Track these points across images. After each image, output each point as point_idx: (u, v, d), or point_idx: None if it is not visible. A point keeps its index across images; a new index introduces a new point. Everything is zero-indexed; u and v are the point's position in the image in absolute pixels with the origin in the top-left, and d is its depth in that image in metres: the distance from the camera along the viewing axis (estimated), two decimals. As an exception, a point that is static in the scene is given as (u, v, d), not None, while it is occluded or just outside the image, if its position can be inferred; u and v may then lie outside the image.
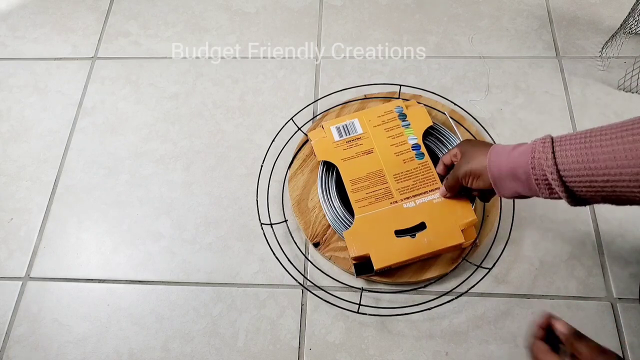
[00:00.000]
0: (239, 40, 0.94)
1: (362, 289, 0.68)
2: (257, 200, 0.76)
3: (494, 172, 0.53)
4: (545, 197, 0.49)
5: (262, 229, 0.73)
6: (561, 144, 0.46)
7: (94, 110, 0.88)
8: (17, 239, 0.77)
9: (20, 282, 0.73)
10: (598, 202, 0.46)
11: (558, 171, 0.45)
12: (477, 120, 0.81)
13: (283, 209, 0.75)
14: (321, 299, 0.69)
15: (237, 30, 0.95)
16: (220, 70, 0.91)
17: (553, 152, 0.46)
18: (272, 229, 0.73)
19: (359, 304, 0.67)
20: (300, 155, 0.79)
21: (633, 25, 0.85)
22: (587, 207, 0.74)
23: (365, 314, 0.67)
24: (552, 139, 0.47)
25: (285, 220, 0.74)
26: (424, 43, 0.91)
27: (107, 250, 0.75)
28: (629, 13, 0.81)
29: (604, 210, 0.74)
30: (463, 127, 0.78)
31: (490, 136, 0.80)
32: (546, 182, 0.47)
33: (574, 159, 0.44)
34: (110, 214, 0.78)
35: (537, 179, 0.48)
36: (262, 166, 0.79)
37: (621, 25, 0.82)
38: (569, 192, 0.46)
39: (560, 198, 0.48)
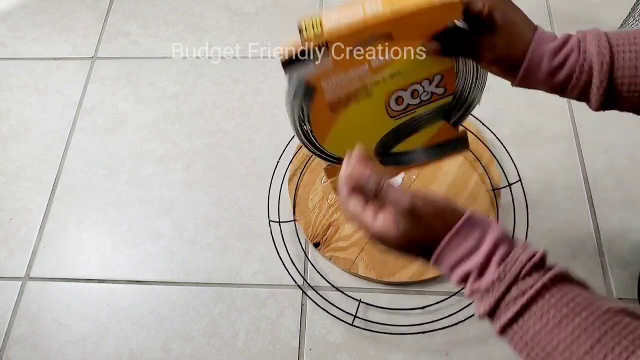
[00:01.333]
0: (239, 40, 0.94)
1: (360, 301, 0.67)
2: (268, 197, 0.75)
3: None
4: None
5: (269, 225, 0.73)
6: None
7: (94, 110, 0.88)
8: (17, 239, 0.77)
9: (20, 282, 0.73)
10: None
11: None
12: (478, 120, 0.81)
13: (294, 209, 0.75)
14: (320, 307, 0.69)
15: (237, 30, 0.95)
16: (220, 70, 0.91)
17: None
18: (280, 227, 0.73)
19: (355, 316, 0.66)
20: (300, 155, 0.79)
21: (633, 25, 0.85)
22: (587, 206, 0.74)
23: (360, 327, 0.66)
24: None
25: (295, 220, 0.74)
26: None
27: (107, 250, 0.75)
28: (629, 13, 0.81)
29: (605, 210, 0.74)
30: (462, 126, 0.78)
31: (493, 133, 0.80)
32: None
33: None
34: (110, 214, 0.78)
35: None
36: (277, 163, 0.78)
37: (621, 25, 0.82)
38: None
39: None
